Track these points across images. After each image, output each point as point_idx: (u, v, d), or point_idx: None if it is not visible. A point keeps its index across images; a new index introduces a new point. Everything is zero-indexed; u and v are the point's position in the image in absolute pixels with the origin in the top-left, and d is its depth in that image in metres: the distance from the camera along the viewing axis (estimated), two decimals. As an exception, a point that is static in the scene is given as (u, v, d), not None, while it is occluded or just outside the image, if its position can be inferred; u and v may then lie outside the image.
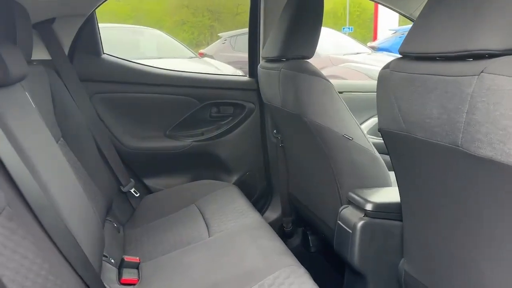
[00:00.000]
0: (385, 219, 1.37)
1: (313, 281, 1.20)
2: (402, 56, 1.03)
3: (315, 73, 1.50)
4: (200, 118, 2.19)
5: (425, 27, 0.93)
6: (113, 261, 1.39)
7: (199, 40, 13.05)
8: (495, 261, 0.87)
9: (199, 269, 1.33)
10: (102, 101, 2.02)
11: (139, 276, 1.34)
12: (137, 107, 2.10)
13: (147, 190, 2.14)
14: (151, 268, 1.38)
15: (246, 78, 2.25)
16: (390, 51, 7.58)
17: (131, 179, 2.02)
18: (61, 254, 1.00)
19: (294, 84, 1.54)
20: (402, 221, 1.23)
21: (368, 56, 6.80)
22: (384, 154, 1.35)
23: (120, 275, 1.32)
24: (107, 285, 1.20)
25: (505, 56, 0.76)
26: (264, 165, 2.26)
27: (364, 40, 10.36)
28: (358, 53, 6.90)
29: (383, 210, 1.37)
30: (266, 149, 2.23)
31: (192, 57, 6.38)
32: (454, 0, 0.87)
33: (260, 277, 1.21)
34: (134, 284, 1.30)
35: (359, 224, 1.37)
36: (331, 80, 1.53)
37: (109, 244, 1.48)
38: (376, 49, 8.35)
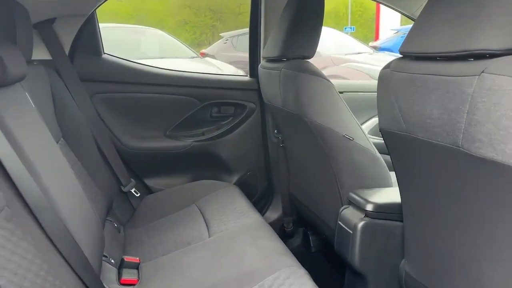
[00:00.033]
0: (385, 219, 1.36)
1: (313, 282, 1.19)
2: (403, 56, 1.02)
3: (316, 73, 1.49)
4: (201, 118, 2.19)
5: (426, 27, 0.92)
6: (113, 261, 1.38)
7: (201, 40, 13.04)
8: (495, 262, 0.87)
9: (199, 269, 1.33)
10: (102, 101, 2.02)
11: (139, 277, 1.34)
12: (138, 107, 2.10)
13: (148, 190, 2.14)
14: (151, 268, 1.38)
15: (247, 78, 2.24)
16: (392, 51, 7.57)
17: (132, 179, 2.02)
18: (60, 254, 1.00)
19: (294, 84, 1.53)
20: (403, 221, 1.22)
21: (369, 56, 6.79)
22: (385, 154, 1.34)
23: (120, 276, 1.32)
24: (107, 286, 1.20)
25: (506, 56, 0.76)
26: (265, 165, 2.26)
27: (366, 40, 10.34)
28: (359, 53, 6.89)
29: (383, 210, 1.36)
30: (267, 149, 2.22)
31: (193, 57, 6.38)
32: (454, 0, 0.86)
33: (260, 278, 1.21)
34: (134, 285, 1.30)
35: (360, 225, 1.36)
36: (332, 80, 1.52)
37: (109, 244, 1.48)
38: (377, 49, 8.35)
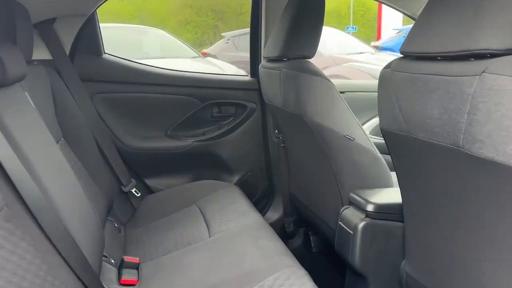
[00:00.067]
0: (386, 220, 1.36)
1: (313, 283, 1.19)
2: (403, 55, 1.02)
3: (316, 73, 1.49)
4: (202, 118, 2.18)
5: (426, 26, 0.92)
6: (113, 262, 1.38)
7: (203, 40, 13.04)
8: (495, 262, 0.87)
9: (199, 269, 1.32)
10: (103, 101, 2.02)
11: (139, 277, 1.33)
12: (138, 107, 2.10)
13: (148, 190, 2.14)
14: (151, 269, 1.38)
15: (247, 78, 2.24)
16: (393, 51, 7.55)
17: (132, 179, 2.01)
18: (60, 255, 1.00)
19: (295, 84, 1.53)
20: (403, 222, 1.22)
21: (371, 56, 6.78)
22: (386, 154, 1.34)
23: (119, 276, 1.32)
24: (106, 286, 1.19)
25: (507, 56, 0.75)
26: (266, 165, 2.25)
27: (368, 39, 10.32)
28: (361, 53, 6.88)
29: (384, 211, 1.36)
30: (267, 149, 2.22)
31: (195, 57, 6.38)
32: (454, 0, 0.86)
33: (260, 278, 1.20)
34: (133, 285, 1.30)
35: (360, 225, 1.36)
36: (334, 80, 1.52)
37: (109, 244, 1.47)
38: (379, 48, 8.34)
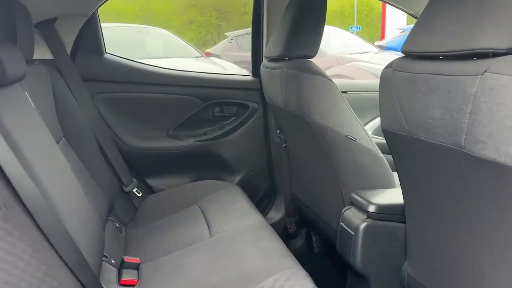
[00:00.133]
0: (388, 221, 1.35)
1: (314, 284, 1.18)
2: (405, 55, 1.01)
3: (318, 73, 1.48)
4: (203, 118, 2.18)
5: (428, 25, 0.91)
6: (113, 262, 1.38)
7: (207, 40, 13.05)
8: (497, 263, 0.85)
9: (199, 270, 1.32)
10: (104, 101, 2.02)
11: (138, 277, 1.33)
12: (140, 106, 2.09)
13: (150, 190, 2.13)
14: (151, 269, 1.38)
15: (249, 77, 2.23)
16: (397, 50, 7.50)
17: (134, 179, 2.01)
18: (59, 255, 1.00)
19: (296, 83, 1.52)
20: (405, 223, 1.21)
21: (375, 55, 6.77)
22: (388, 155, 1.32)
23: (119, 276, 1.31)
24: (106, 287, 1.19)
25: (509, 55, 0.74)
26: (268, 165, 2.24)
27: (372, 39, 10.29)
28: (365, 52, 6.86)
29: (386, 212, 1.35)
30: (269, 149, 2.21)
31: (198, 57, 6.38)
32: None
33: (260, 279, 1.19)
34: (133, 285, 1.29)
35: (362, 226, 1.35)
36: (336, 80, 1.51)
37: (110, 244, 1.47)
38: (383, 48, 8.30)
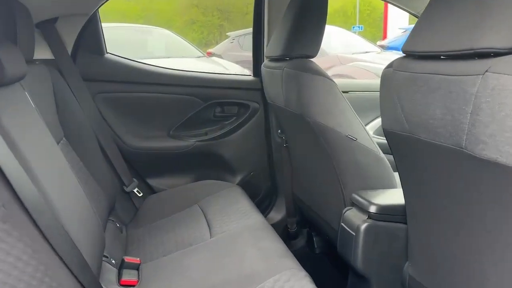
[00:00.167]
0: (389, 221, 1.34)
1: (314, 285, 1.18)
2: (406, 55, 1.00)
3: (319, 73, 1.47)
4: (204, 117, 2.17)
5: (429, 25, 0.90)
6: (114, 262, 1.38)
7: (209, 40, 13.04)
8: (498, 264, 0.85)
9: (199, 270, 1.31)
10: (105, 101, 2.02)
11: (139, 277, 1.33)
12: (141, 106, 2.09)
13: (151, 190, 2.13)
14: (152, 269, 1.37)
15: (250, 77, 2.23)
16: (399, 50, 7.44)
17: (134, 179, 2.01)
18: (58, 256, 0.99)
19: (297, 83, 1.51)
20: (406, 223, 1.20)
21: (377, 55, 6.75)
22: (389, 155, 1.32)
23: (120, 276, 1.31)
24: (106, 287, 1.19)
25: (511, 55, 0.73)
26: (269, 165, 2.24)
27: (374, 39, 10.27)
28: (367, 52, 6.84)
29: (387, 212, 1.34)
30: (270, 149, 2.20)
31: (200, 57, 6.38)
32: None
33: (260, 280, 1.19)
34: (133, 286, 1.29)
35: (363, 227, 1.34)
36: (337, 79, 1.50)
37: (110, 244, 1.47)
38: (385, 48, 8.28)
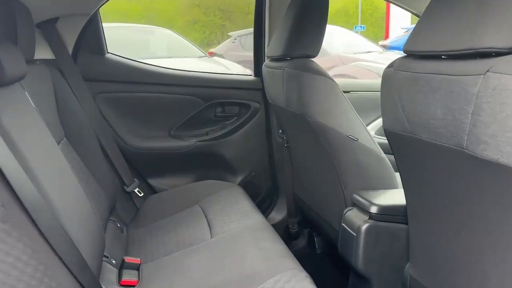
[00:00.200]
0: (390, 222, 1.34)
1: (314, 286, 1.17)
2: (407, 54, 1.00)
3: (319, 72, 1.47)
4: (205, 117, 2.17)
5: (430, 25, 0.90)
6: (114, 262, 1.37)
7: (211, 40, 13.04)
8: (499, 264, 0.84)
9: (200, 271, 1.31)
10: (106, 101, 2.01)
11: (139, 278, 1.32)
12: (141, 106, 2.09)
13: (151, 190, 2.13)
14: (152, 269, 1.37)
15: (251, 77, 2.22)
16: (401, 50, 7.45)
17: (135, 179, 2.01)
18: (58, 256, 0.99)
19: (297, 83, 1.51)
20: (407, 224, 1.20)
21: (379, 55, 6.73)
22: (390, 155, 1.31)
23: (120, 277, 1.31)
24: (106, 287, 1.18)
25: None
26: (270, 165, 2.24)
27: (376, 38, 10.26)
28: (369, 52, 6.82)
29: (388, 213, 1.34)
30: (271, 149, 2.20)
31: (201, 56, 6.38)
32: None
33: (261, 280, 1.19)
34: (133, 286, 1.29)
35: (364, 227, 1.34)
36: (338, 79, 1.50)
37: (111, 244, 1.47)
38: (387, 47, 8.26)
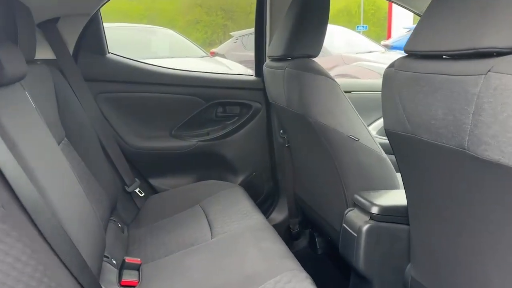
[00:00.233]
0: (391, 222, 1.33)
1: (315, 286, 1.17)
2: (408, 54, 0.99)
3: (320, 72, 1.47)
4: (206, 117, 2.17)
5: (431, 24, 0.89)
6: (114, 262, 1.37)
7: (213, 39, 13.04)
8: (501, 265, 0.84)
9: (200, 271, 1.31)
10: (107, 101, 2.01)
11: (139, 278, 1.32)
12: (142, 106, 2.09)
13: (152, 190, 2.13)
14: (152, 270, 1.37)
15: (252, 77, 2.22)
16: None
17: (136, 179, 2.01)
18: (57, 256, 0.99)
19: (298, 83, 1.50)
20: (408, 224, 1.19)
21: (381, 55, 6.71)
22: (392, 155, 1.31)
23: (120, 277, 1.31)
24: (105, 287, 1.18)
25: None
26: (271, 165, 2.23)
27: (379, 38, 10.23)
28: (371, 52, 6.81)
29: (389, 213, 1.33)
30: (272, 149, 2.20)
31: (203, 56, 6.38)
32: None
33: (261, 281, 1.18)
34: (134, 286, 1.29)
35: (365, 228, 1.33)
36: (340, 79, 1.49)
37: (111, 244, 1.47)
38: (389, 47, 8.24)
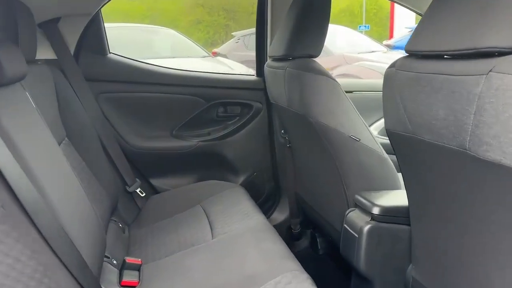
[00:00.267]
0: (392, 223, 1.33)
1: (315, 287, 1.16)
2: (409, 54, 0.99)
3: (321, 72, 1.46)
4: (207, 118, 2.17)
5: (432, 24, 0.89)
6: (115, 262, 1.37)
7: (215, 39, 13.04)
8: (502, 266, 0.84)
9: (200, 271, 1.31)
10: (108, 101, 2.01)
11: (139, 278, 1.32)
12: (143, 106, 2.09)
13: (153, 190, 2.13)
14: (153, 270, 1.37)
15: (253, 77, 2.22)
16: (405, 50, 7.44)
17: (137, 179, 2.00)
18: (57, 257, 0.99)
19: (299, 83, 1.50)
20: (409, 225, 1.19)
21: (383, 55, 6.70)
22: (393, 155, 1.30)
23: (121, 277, 1.31)
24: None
25: None
26: (272, 165, 2.23)
27: (381, 38, 10.21)
28: (373, 51, 6.79)
29: (390, 214, 1.33)
30: (273, 149, 2.19)
31: (205, 56, 6.38)
32: None
33: (262, 281, 1.18)
34: (134, 287, 1.29)
35: (366, 228, 1.33)
36: (342, 79, 1.49)
37: (112, 244, 1.47)
38: (391, 47, 8.22)
